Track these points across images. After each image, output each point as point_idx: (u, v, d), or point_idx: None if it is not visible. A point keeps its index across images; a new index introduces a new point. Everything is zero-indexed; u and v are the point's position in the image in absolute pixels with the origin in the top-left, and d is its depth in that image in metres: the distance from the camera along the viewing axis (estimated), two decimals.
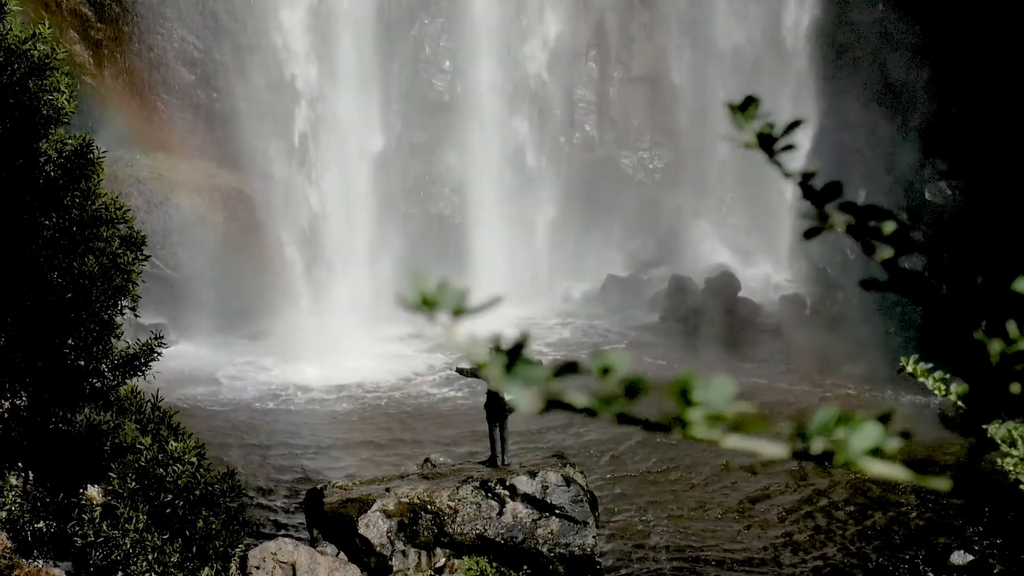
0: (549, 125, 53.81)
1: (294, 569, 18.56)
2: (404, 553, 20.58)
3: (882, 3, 49.35)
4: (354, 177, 45.85)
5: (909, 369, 4.62)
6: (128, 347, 13.74)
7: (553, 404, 1.63)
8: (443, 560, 20.64)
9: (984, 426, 4.25)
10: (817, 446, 1.51)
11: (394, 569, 20.34)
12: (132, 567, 12.39)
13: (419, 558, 20.63)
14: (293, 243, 44.49)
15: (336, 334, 40.69)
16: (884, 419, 1.52)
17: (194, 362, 39.69)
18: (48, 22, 13.41)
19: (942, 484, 1.59)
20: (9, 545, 12.32)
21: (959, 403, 4.14)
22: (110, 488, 13.22)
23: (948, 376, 4.36)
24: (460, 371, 23.16)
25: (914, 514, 26.44)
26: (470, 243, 49.89)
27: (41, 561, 12.90)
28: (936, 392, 4.41)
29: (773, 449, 1.51)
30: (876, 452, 1.50)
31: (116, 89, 43.99)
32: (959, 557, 23.02)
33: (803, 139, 51.50)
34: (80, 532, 12.98)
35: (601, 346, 44.67)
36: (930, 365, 4.53)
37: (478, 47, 50.46)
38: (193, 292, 42.67)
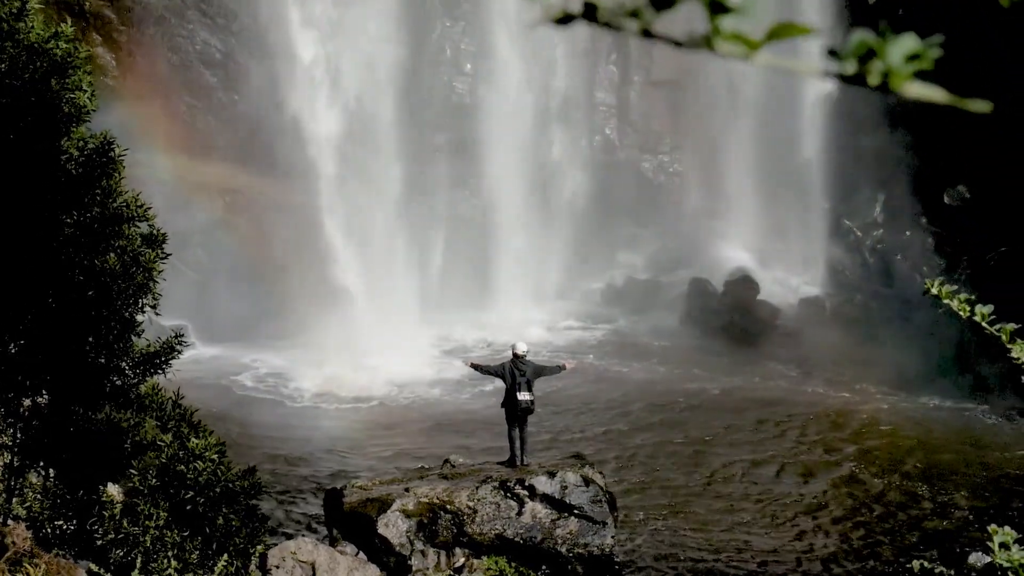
0: (570, 128, 53.85)
1: (314, 568, 18.58)
2: (423, 553, 20.58)
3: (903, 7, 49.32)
4: (377, 179, 45.88)
5: (934, 291, 4.51)
6: (148, 345, 13.80)
7: (570, 17, 1.51)
8: (462, 560, 20.65)
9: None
10: (851, 67, 1.42)
11: (413, 569, 20.35)
12: (153, 564, 12.44)
13: (438, 558, 20.64)
14: (316, 246, 44.52)
15: (358, 337, 40.72)
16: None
17: (215, 364, 39.82)
18: (70, 23, 13.47)
19: (982, 106, 1.52)
20: (29, 536, 12.38)
21: (985, 326, 4.11)
22: (131, 485, 13.27)
23: (973, 298, 4.30)
24: (475, 367, 23.17)
25: (934, 518, 26.38)
26: (491, 245, 49.97)
27: (62, 557, 12.96)
28: (961, 313, 4.34)
29: (806, 67, 1.41)
30: (915, 60, 1.39)
31: (138, 91, 44.14)
32: (976, 558, 22.93)
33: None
34: (100, 529, 13.04)
35: (621, 348, 44.70)
36: (955, 287, 4.44)
37: (499, 50, 50.52)
38: (214, 294, 42.77)
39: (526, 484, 21.43)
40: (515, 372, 21.94)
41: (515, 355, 22.10)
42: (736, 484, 28.85)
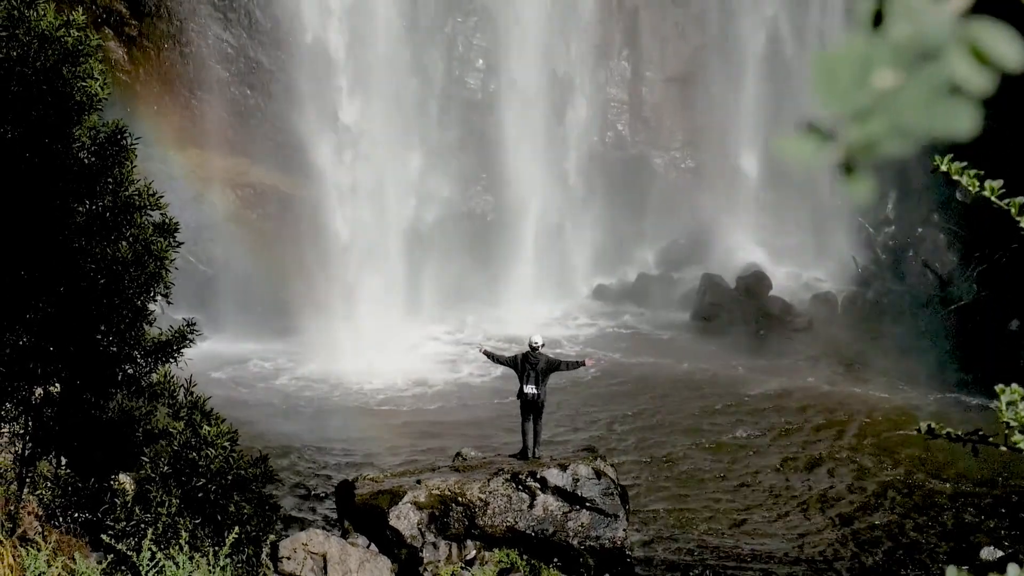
0: (581, 124, 53.79)
1: (325, 560, 18.57)
2: (435, 545, 20.57)
3: None
4: (389, 175, 45.92)
5: (944, 168, 4.12)
6: (160, 334, 13.79)
7: None
8: (474, 552, 20.62)
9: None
10: None
11: (424, 561, 20.33)
12: (165, 551, 12.44)
13: (450, 550, 20.62)
14: (329, 240, 44.53)
15: (371, 331, 40.74)
16: None
17: (226, 357, 39.78)
18: (81, 11, 13.47)
19: None
20: (40, 514, 12.41)
21: (994, 200, 3.86)
22: (142, 473, 13.27)
23: (983, 173, 3.98)
24: (487, 354, 23.12)
25: (947, 514, 26.28)
26: (502, 240, 49.96)
27: (71, 536, 12.98)
28: (970, 188, 4.01)
29: None
30: None
31: (150, 86, 44.15)
32: (989, 553, 22.87)
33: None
34: (112, 517, 13.04)
35: (632, 343, 44.66)
36: (964, 164, 4.05)
37: (511, 45, 50.50)
38: (226, 288, 42.81)
39: (538, 477, 21.41)
40: (526, 364, 21.86)
41: (530, 347, 22.02)
42: (751, 479, 28.76)
